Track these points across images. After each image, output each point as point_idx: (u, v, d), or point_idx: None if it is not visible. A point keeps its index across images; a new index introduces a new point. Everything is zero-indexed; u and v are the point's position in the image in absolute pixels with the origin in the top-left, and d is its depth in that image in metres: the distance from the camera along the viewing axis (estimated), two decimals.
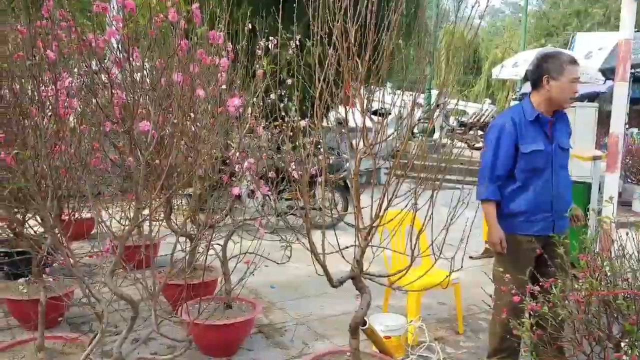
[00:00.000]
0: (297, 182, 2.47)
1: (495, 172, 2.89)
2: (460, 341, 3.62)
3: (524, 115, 2.91)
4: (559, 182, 2.92)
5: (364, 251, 2.47)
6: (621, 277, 2.52)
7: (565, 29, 23.68)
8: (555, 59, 2.86)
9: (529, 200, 2.88)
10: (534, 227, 2.89)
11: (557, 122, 2.96)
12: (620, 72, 3.99)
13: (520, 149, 2.87)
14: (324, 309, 4.14)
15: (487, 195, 2.91)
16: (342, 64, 2.25)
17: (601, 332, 2.39)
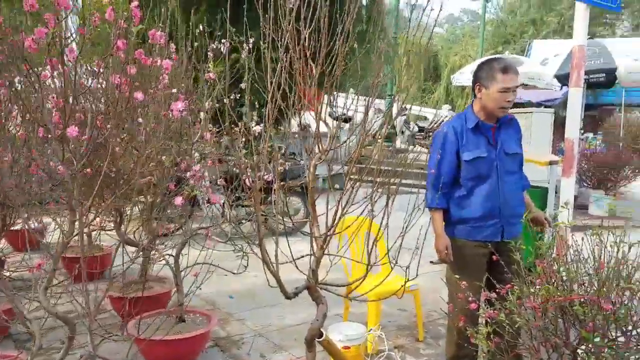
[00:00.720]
0: (251, 189, 2.37)
1: (440, 181, 2.86)
2: (420, 349, 3.58)
3: (465, 123, 2.90)
4: (505, 187, 2.89)
5: (320, 260, 2.39)
6: (577, 282, 2.52)
7: (522, 37, 24.34)
8: (487, 67, 2.82)
9: (475, 207, 2.87)
10: (483, 233, 2.88)
11: (503, 128, 2.94)
12: (575, 78, 4.05)
13: (462, 157, 2.86)
14: (283, 319, 4.04)
15: (432, 204, 2.90)
16: (294, 68, 2.17)
17: (558, 339, 2.38)
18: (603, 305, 2.22)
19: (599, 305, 2.24)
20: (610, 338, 2.35)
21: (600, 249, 2.57)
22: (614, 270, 2.49)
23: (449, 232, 2.95)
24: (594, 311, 2.32)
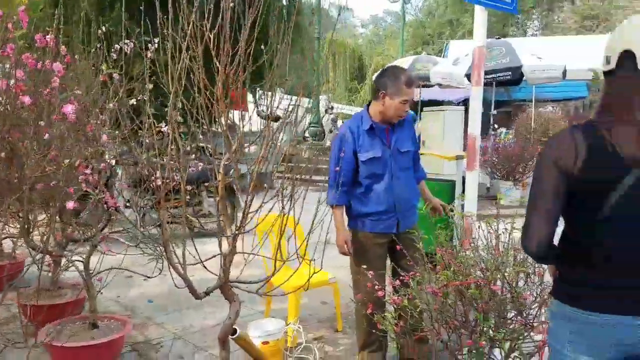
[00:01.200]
0: (158, 190, 2.38)
1: (339, 179, 3.02)
2: (338, 339, 3.71)
3: (361, 125, 3.10)
4: (399, 184, 3.11)
5: (231, 259, 2.44)
6: (478, 268, 2.72)
7: (440, 37, 25.37)
8: (395, 78, 3.01)
9: (372, 203, 3.08)
10: (380, 226, 3.09)
11: (397, 127, 3.15)
12: (475, 77, 4.30)
13: (359, 157, 3.05)
14: (205, 319, 4.04)
15: (332, 202, 3.07)
16: (194, 70, 2.20)
17: (456, 321, 2.56)
18: (492, 288, 2.42)
19: (489, 287, 2.43)
20: (503, 317, 2.57)
21: (494, 237, 2.80)
22: (506, 256, 2.72)
23: (352, 226, 3.16)
24: (486, 293, 2.53)
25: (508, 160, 8.81)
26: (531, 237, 1.59)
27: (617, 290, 1.55)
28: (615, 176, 1.50)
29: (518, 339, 2.46)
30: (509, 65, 9.07)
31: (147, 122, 2.36)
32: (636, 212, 1.51)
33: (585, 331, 1.58)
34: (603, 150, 1.50)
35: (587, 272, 1.60)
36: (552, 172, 1.56)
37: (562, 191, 1.55)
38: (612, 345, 1.56)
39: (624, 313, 1.54)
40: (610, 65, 1.57)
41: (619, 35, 1.58)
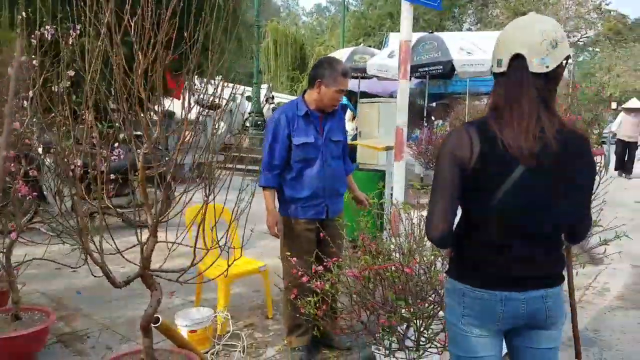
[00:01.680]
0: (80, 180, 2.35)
1: (272, 162, 3.14)
2: (269, 325, 3.79)
3: (296, 111, 3.18)
4: (329, 171, 3.22)
5: (152, 248, 2.45)
6: (399, 252, 2.86)
7: (380, 29, 25.77)
8: (331, 68, 3.13)
9: (302, 188, 3.16)
10: (309, 212, 3.19)
11: (329, 117, 3.26)
12: (402, 71, 4.46)
13: (293, 141, 3.13)
14: (135, 310, 4.00)
15: (264, 183, 3.16)
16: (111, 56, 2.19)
17: (374, 303, 2.70)
18: (406, 270, 2.56)
19: (403, 271, 2.57)
20: (421, 298, 2.73)
21: (411, 224, 2.95)
22: (422, 240, 2.87)
23: (282, 211, 3.22)
24: (403, 276, 2.67)
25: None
26: (435, 227, 1.72)
27: (502, 268, 1.71)
28: (505, 171, 1.63)
29: (429, 317, 2.63)
30: (440, 60, 9.38)
31: (63, 110, 2.32)
32: (520, 203, 1.65)
33: (475, 306, 1.74)
34: (495, 147, 1.63)
35: (478, 253, 1.75)
36: (450, 166, 1.68)
37: (459, 184, 1.68)
38: (499, 319, 1.73)
39: (509, 289, 1.71)
40: (501, 67, 1.67)
41: (508, 38, 1.68)
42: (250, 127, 13.71)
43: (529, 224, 1.68)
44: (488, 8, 27.89)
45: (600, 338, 3.92)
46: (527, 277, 1.72)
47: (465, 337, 1.79)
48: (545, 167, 1.62)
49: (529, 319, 1.75)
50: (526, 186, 1.63)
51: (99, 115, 2.56)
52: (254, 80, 14.02)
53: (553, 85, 1.68)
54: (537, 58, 1.62)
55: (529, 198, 1.65)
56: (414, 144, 10.07)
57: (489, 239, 1.72)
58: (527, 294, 1.71)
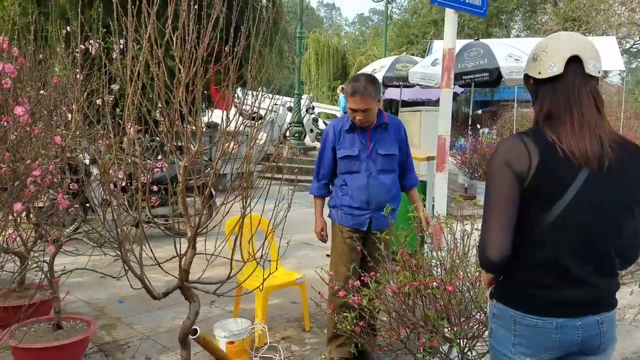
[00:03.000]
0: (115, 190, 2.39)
1: (320, 172, 3.36)
2: (305, 338, 3.74)
3: (344, 124, 3.27)
4: (376, 184, 3.23)
5: (191, 260, 2.45)
6: (441, 268, 2.77)
7: (424, 37, 25.49)
8: (347, 87, 3.18)
9: (347, 196, 3.26)
10: (352, 221, 3.26)
11: (380, 130, 3.28)
12: (445, 79, 4.35)
13: (337, 154, 3.25)
14: (175, 320, 4.04)
15: (312, 192, 3.40)
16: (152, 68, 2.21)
17: (415, 320, 2.61)
18: (447, 288, 2.46)
19: (445, 288, 2.48)
20: (466, 317, 2.62)
21: (456, 237, 2.85)
22: (465, 256, 2.76)
23: (331, 216, 3.38)
24: (445, 294, 2.57)
25: (485, 161, 8.91)
26: (492, 249, 1.57)
27: (557, 292, 1.59)
28: (567, 180, 1.53)
29: (473, 337, 2.51)
30: (486, 67, 9.17)
31: (109, 123, 2.37)
32: (581, 215, 1.55)
33: (528, 333, 1.62)
34: (555, 154, 1.53)
35: (531, 275, 1.62)
36: (507, 180, 1.56)
37: (517, 198, 1.56)
38: (553, 347, 1.61)
39: (565, 315, 1.59)
40: (554, 71, 1.59)
41: (560, 45, 1.62)
42: (291, 137, 13.78)
43: (588, 240, 1.57)
44: (537, 14, 27.17)
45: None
46: (583, 301, 1.60)
47: None
48: (608, 172, 1.54)
49: (583, 345, 1.63)
50: (590, 194, 1.53)
51: (142, 128, 2.61)
52: (295, 90, 14.11)
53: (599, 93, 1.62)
54: (592, 61, 1.59)
55: (593, 209, 1.55)
56: (458, 153, 9.86)
57: (544, 258, 1.59)
58: (584, 320, 1.60)
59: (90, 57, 2.96)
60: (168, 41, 2.37)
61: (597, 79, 1.61)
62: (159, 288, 2.55)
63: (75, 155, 3.04)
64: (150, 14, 2.28)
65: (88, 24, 3.53)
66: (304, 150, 13.00)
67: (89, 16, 7.71)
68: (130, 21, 2.24)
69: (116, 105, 3.25)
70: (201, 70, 2.33)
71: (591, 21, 24.02)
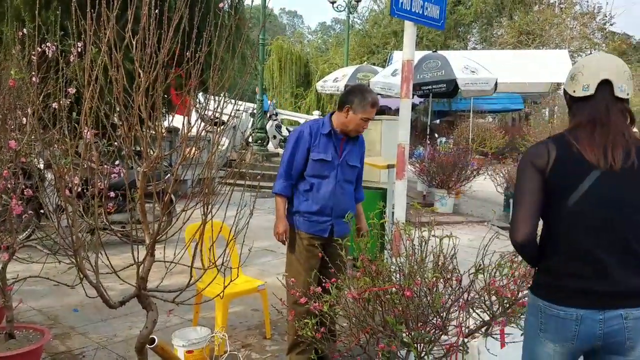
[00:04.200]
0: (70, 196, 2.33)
1: (288, 171, 3.26)
2: (266, 346, 3.73)
3: (321, 128, 3.28)
4: (340, 192, 3.28)
5: (149, 267, 2.42)
6: (400, 274, 2.81)
7: (385, 47, 25.89)
8: (363, 97, 3.23)
9: (312, 202, 3.24)
10: (314, 228, 3.25)
11: (351, 142, 3.34)
12: (404, 90, 4.45)
13: (311, 155, 3.23)
14: (132, 329, 3.96)
15: (278, 190, 3.27)
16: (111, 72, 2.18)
17: (373, 326, 2.64)
18: (406, 293, 2.51)
19: (403, 293, 2.52)
20: (423, 322, 2.67)
21: (414, 244, 2.90)
22: (421, 262, 2.82)
23: (289, 221, 3.29)
24: (404, 299, 2.62)
25: (442, 169, 9.11)
26: (517, 229, 1.82)
27: (577, 281, 1.77)
28: (579, 175, 1.76)
29: (430, 342, 2.57)
30: (444, 78, 9.40)
31: (65, 127, 2.31)
32: (594, 208, 1.75)
33: (551, 322, 1.80)
34: (570, 152, 1.78)
35: (553, 265, 1.84)
36: (530, 174, 1.83)
37: (540, 187, 1.81)
38: (575, 338, 1.77)
39: (585, 307, 1.75)
40: (588, 91, 1.82)
41: (594, 67, 1.84)
42: (253, 143, 13.73)
43: (603, 232, 1.75)
44: (493, 27, 28.03)
45: None
46: (603, 293, 1.74)
47: (542, 350, 1.85)
48: (621, 173, 1.74)
49: (607, 341, 1.75)
50: (602, 190, 1.74)
51: (99, 132, 2.56)
52: (258, 96, 14.07)
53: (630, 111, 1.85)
54: (621, 84, 1.81)
55: (604, 204, 1.75)
56: (417, 162, 10.04)
57: (563, 247, 1.81)
58: (605, 314, 1.73)
59: (47, 59, 2.88)
60: (128, 45, 2.34)
61: (627, 100, 1.83)
62: (115, 297, 2.50)
63: (30, 160, 2.95)
64: (109, 17, 2.25)
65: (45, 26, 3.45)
66: (266, 157, 12.95)
67: (45, 18, 7.49)
68: (89, 24, 2.20)
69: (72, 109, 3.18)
70: (162, 75, 2.31)
71: (545, 35, 24.95)
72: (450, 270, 2.86)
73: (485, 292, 2.99)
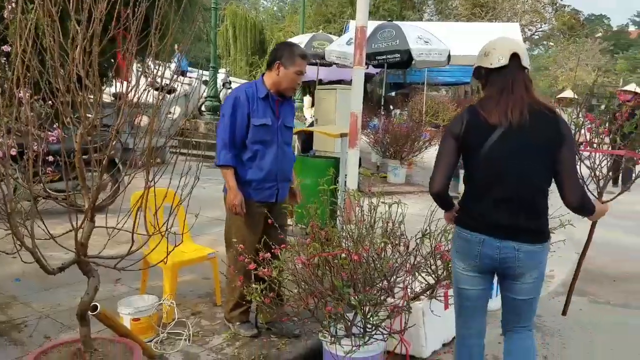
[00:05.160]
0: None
1: (231, 140, 3.11)
2: (217, 313, 3.71)
3: (256, 91, 3.17)
4: (283, 156, 3.25)
5: (89, 233, 2.34)
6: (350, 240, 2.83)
7: (341, 16, 25.65)
8: (290, 50, 3.16)
9: (258, 170, 3.17)
10: (262, 194, 3.21)
11: (284, 102, 3.29)
12: (357, 57, 4.43)
13: (252, 121, 3.12)
14: (76, 299, 3.78)
15: (224, 162, 3.12)
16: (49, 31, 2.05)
17: (322, 290, 2.67)
18: (353, 257, 2.54)
19: (351, 257, 2.55)
20: (370, 285, 2.71)
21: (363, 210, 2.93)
22: (370, 229, 2.85)
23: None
24: (352, 263, 2.65)
25: (396, 140, 9.20)
26: (434, 183, 2.35)
27: (483, 214, 2.25)
28: (486, 134, 2.22)
29: (377, 304, 2.62)
30: (398, 48, 9.40)
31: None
32: (498, 156, 2.21)
33: (462, 244, 2.34)
34: (478, 119, 2.25)
35: (470, 201, 2.35)
36: (448, 140, 2.33)
37: (454, 151, 2.32)
38: (477, 256, 2.28)
39: (488, 234, 2.24)
40: (503, 62, 2.24)
41: (505, 44, 2.29)
42: (206, 112, 13.43)
43: (505, 177, 2.20)
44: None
45: (544, 323, 4.04)
46: (501, 226, 2.22)
47: (456, 270, 2.39)
48: (518, 129, 2.17)
49: (502, 265, 2.25)
50: (503, 143, 2.19)
51: (38, 94, 2.41)
52: (211, 64, 13.71)
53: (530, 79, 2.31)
54: (524, 57, 2.28)
55: (506, 154, 2.19)
56: (371, 133, 10.10)
57: (476, 187, 2.30)
58: (502, 243, 2.22)
59: None
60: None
61: (528, 70, 2.29)
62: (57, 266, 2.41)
63: None
64: None
65: None
66: None
67: None
68: None
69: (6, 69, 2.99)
70: (99, 30, 2.18)
71: (497, 7, 25.31)
72: (398, 236, 2.92)
73: (431, 257, 3.08)
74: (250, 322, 3.37)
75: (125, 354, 2.48)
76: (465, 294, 2.38)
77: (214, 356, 3.09)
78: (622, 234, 7.09)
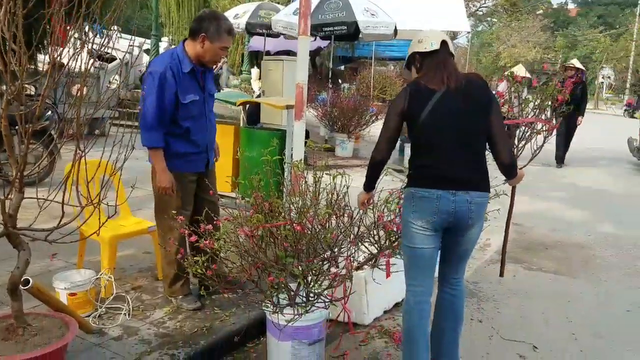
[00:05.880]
0: None
1: (160, 119, 3.00)
2: (158, 287, 3.64)
3: (180, 66, 3.06)
4: (210, 124, 3.29)
5: (18, 204, 2.22)
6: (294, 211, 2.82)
7: None
8: (217, 24, 3.04)
9: (189, 143, 3.16)
10: (193, 165, 3.23)
11: (206, 72, 3.25)
12: (302, 26, 4.34)
13: (180, 99, 3.05)
14: (9, 275, 3.68)
15: (154, 144, 3.03)
16: None
17: (266, 260, 2.66)
18: (295, 227, 2.54)
19: (293, 228, 2.55)
20: (314, 255, 2.72)
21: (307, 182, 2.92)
22: (315, 200, 2.85)
23: (168, 167, 3.11)
24: (296, 234, 2.65)
25: (344, 114, 9.21)
26: (379, 150, 2.62)
27: (436, 171, 2.44)
28: (427, 98, 2.47)
29: (319, 273, 2.64)
30: (345, 20, 9.32)
31: None
32: (439, 117, 2.45)
33: (419, 203, 2.47)
34: (419, 89, 2.51)
35: (420, 163, 2.52)
36: (392, 113, 2.56)
37: (397, 125, 2.57)
38: (435, 212, 2.44)
39: (442, 189, 2.42)
40: (436, 46, 2.56)
41: (436, 34, 2.63)
42: None
43: (448, 134, 2.44)
44: None
45: (480, 290, 4.21)
46: (452, 179, 2.42)
47: (411, 230, 2.50)
48: (454, 92, 2.46)
49: (456, 217, 2.44)
50: (443, 104, 2.45)
51: None
52: (153, 32, 13.20)
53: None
54: (452, 46, 2.66)
55: (446, 113, 2.44)
56: (320, 106, 10.05)
57: (424, 149, 2.51)
58: (456, 196, 2.42)
59: None
60: None
61: (454, 57, 2.62)
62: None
63: None
64: None
65: None
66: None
67: None
68: None
69: None
70: None
71: None
72: (342, 207, 2.94)
73: (374, 227, 3.13)
74: (192, 295, 3.33)
75: (61, 329, 2.40)
76: (420, 252, 2.51)
77: (154, 330, 3.04)
78: (557, 204, 7.47)
